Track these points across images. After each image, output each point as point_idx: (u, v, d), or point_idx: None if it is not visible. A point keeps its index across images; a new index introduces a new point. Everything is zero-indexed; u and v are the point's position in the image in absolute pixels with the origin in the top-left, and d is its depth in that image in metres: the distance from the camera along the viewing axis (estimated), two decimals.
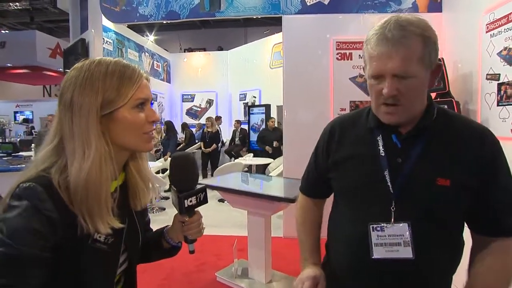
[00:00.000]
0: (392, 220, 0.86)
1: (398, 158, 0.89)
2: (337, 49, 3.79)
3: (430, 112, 0.90)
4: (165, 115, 8.89)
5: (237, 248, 2.90)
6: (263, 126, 7.40)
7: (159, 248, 0.95)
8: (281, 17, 3.89)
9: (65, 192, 0.67)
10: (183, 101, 9.40)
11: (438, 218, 0.86)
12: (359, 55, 3.75)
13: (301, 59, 3.87)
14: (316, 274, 0.96)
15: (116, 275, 0.81)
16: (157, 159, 6.45)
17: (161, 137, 6.85)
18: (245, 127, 8.26)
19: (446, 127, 0.90)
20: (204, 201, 0.89)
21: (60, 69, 6.85)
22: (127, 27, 6.38)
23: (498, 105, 2.89)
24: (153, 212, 5.01)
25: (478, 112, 3.13)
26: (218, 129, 7.59)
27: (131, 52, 6.66)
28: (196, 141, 7.50)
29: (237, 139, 8.24)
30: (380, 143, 0.91)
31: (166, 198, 5.64)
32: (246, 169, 6.63)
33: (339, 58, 3.80)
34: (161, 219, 4.77)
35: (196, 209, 0.89)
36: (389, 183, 0.87)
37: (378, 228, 0.87)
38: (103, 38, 5.11)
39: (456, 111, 3.09)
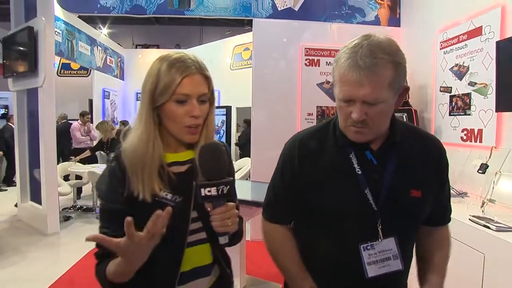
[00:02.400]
0: (381, 236, 0.89)
1: (375, 174, 0.90)
2: (305, 55, 3.90)
3: (396, 127, 0.93)
4: (117, 114, 8.37)
5: None
6: (223, 128, 7.33)
7: None
8: (243, 19, 3.89)
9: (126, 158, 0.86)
10: (137, 100, 8.90)
11: (414, 227, 0.96)
12: (327, 62, 3.90)
13: (271, 62, 3.90)
14: None
15: (187, 235, 0.91)
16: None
17: (108, 140, 5.54)
18: None
19: (410, 140, 0.95)
20: (230, 195, 0.83)
21: None
22: (78, 17, 5.87)
23: (450, 114, 3.20)
24: None
25: (433, 120, 3.44)
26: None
27: (82, 45, 6.14)
28: None
29: None
30: (355, 161, 0.91)
31: None
32: None
33: (308, 64, 3.91)
34: None
35: (227, 202, 0.85)
36: (371, 201, 0.88)
37: (369, 247, 0.89)
38: None
39: (414, 118, 3.36)
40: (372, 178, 0.89)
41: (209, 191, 0.81)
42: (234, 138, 7.55)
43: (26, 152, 4.63)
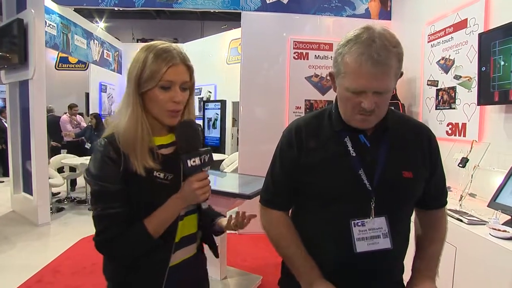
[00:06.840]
0: (373, 214, 0.94)
1: (368, 156, 0.95)
2: (294, 48, 3.87)
3: (388, 113, 0.97)
4: (115, 107, 8.42)
5: None
6: (218, 122, 7.34)
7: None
8: (239, 12, 3.87)
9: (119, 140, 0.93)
10: None
11: (406, 208, 1.02)
12: (315, 55, 3.87)
13: (259, 56, 3.89)
14: None
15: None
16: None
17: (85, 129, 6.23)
18: (200, 122, 8.12)
19: (400, 126, 1.00)
20: (209, 162, 0.96)
21: None
22: (73, 10, 5.88)
23: (436, 108, 3.17)
24: None
25: (420, 114, 3.41)
26: None
27: (78, 39, 6.16)
28: None
29: None
30: (349, 144, 0.96)
31: None
32: None
33: (296, 57, 3.88)
34: None
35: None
36: (365, 181, 0.94)
37: (359, 223, 0.94)
38: (45, 21, 4.66)
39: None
40: (366, 160, 0.95)
41: (194, 161, 0.93)
42: (229, 132, 7.54)
43: (19, 144, 4.68)
